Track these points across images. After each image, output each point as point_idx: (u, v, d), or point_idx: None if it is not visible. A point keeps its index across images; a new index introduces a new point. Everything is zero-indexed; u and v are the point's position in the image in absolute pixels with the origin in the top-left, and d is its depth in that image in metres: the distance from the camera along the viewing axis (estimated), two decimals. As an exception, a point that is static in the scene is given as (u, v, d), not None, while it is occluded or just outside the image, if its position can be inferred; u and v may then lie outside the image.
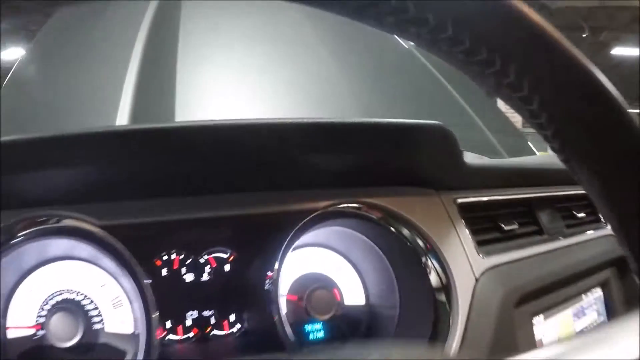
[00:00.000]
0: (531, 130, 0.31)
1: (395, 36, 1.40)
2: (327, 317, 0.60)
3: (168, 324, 0.56)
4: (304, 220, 0.51)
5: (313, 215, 0.52)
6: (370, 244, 0.62)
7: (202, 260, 0.58)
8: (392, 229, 0.57)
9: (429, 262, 0.57)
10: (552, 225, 0.76)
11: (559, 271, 0.71)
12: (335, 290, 0.63)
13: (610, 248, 0.82)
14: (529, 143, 1.55)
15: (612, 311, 0.81)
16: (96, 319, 0.60)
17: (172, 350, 0.56)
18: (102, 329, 0.60)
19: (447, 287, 0.55)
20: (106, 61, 0.99)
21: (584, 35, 7.03)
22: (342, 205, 0.55)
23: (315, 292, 0.60)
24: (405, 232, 0.57)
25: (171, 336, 0.56)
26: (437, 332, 0.54)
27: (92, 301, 0.61)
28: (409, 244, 0.57)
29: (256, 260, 0.56)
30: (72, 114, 0.94)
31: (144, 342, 0.50)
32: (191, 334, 0.57)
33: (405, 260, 0.59)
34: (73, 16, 1.18)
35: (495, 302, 0.56)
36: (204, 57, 0.99)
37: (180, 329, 0.57)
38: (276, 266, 0.51)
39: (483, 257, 0.60)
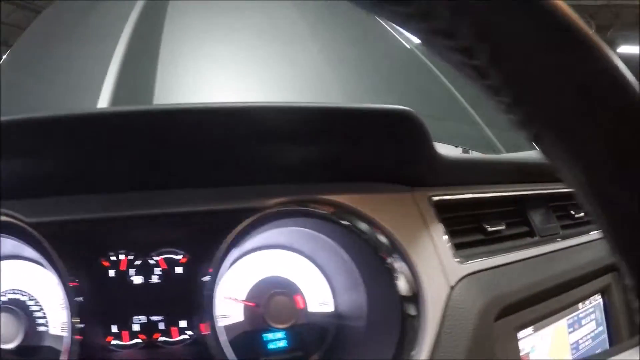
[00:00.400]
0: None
1: (392, 32, 1.29)
2: (286, 325, 0.51)
3: (114, 329, 0.49)
4: (244, 222, 0.42)
5: (257, 215, 0.43)
6: (336, 247, 0.52)
7: (151, 262, 0.50)
8: (351, 226, 0.47)
9: (396, 267, 0.47)
10: (546, 226, 0.64)
11: (552, 277, 0.60)
12: (299, 297, 0.54)
13: (611, 251, 0.71)
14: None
15: (613, 321, 0.69)
16: (41, 321, 0.54)
17: (117, 357, 0.48)
18: (47, 331, 0.54)
19: (416, 296, 0.45)
20: (91, 52, 0.94)
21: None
22: (287, 203, 0.45)
23: (274, 298, 0.51)
24: (369, 231, 0.47)
25: (117, 342, 0.49)
26: (402, 350, 0.44)
27: (37, 302, 0.54)
28: (373, 243, 0.47)
29: (205, 262, 0.48)
30: (55, 100, 0.88)
31: (67, 345, 0.43)
32: (138, 340, 0.49)
33: (372, 265, 0.49)
34: (62, 12, 1.14)
35: (472, 314, 0.46)
36: (188, 49, 0.92)
37: (126, 334, 0.49)
38: (211, 270, 0.42)
39: (460, 262, 0.50)
